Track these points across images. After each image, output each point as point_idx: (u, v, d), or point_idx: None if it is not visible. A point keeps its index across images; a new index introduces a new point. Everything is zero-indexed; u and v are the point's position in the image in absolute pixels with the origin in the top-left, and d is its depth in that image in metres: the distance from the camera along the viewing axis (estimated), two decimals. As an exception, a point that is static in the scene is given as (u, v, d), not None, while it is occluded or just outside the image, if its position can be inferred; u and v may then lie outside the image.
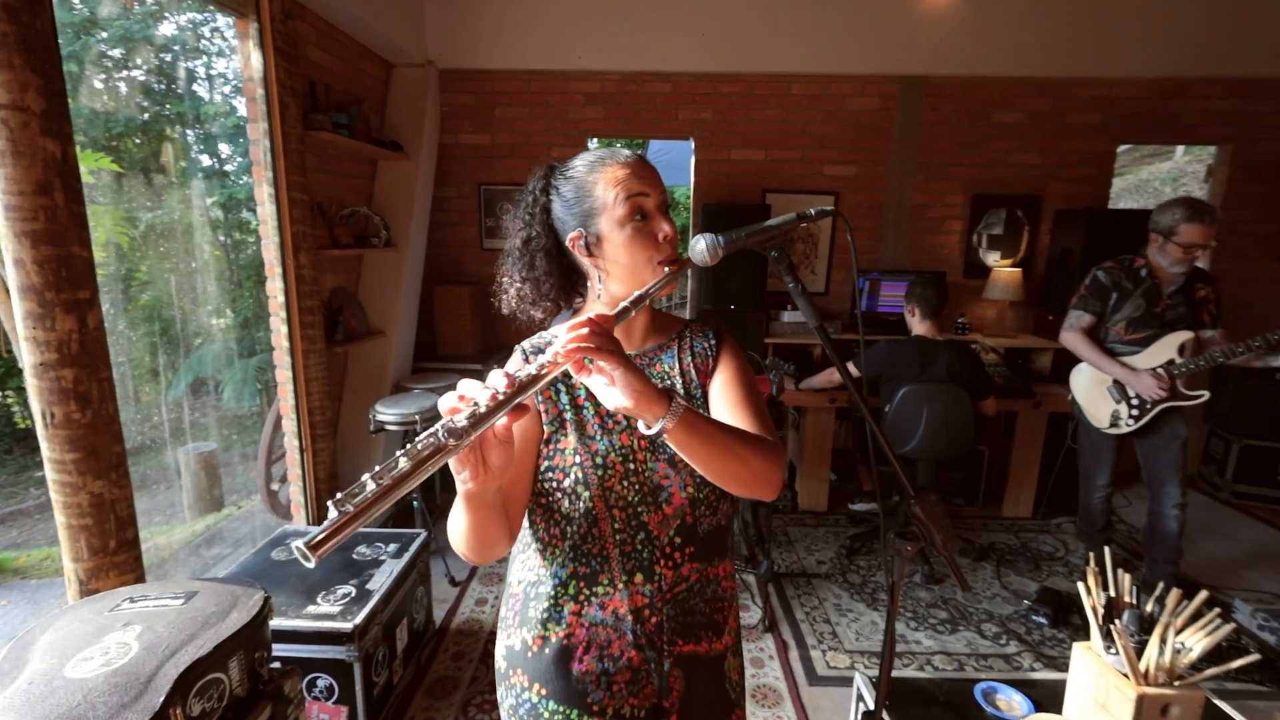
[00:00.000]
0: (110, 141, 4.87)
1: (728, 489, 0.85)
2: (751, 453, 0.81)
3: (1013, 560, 3.04)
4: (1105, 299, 2.54)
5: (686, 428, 0.73)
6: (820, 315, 0.95)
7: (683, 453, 0.76)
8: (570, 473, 0.86)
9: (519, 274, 0.93)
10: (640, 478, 0.89)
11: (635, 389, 0.69)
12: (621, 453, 0.88)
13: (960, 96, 3.63)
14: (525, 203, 0.94)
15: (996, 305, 3.85)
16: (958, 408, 2.75)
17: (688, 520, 0.91)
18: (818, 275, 3.84)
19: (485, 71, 3.59)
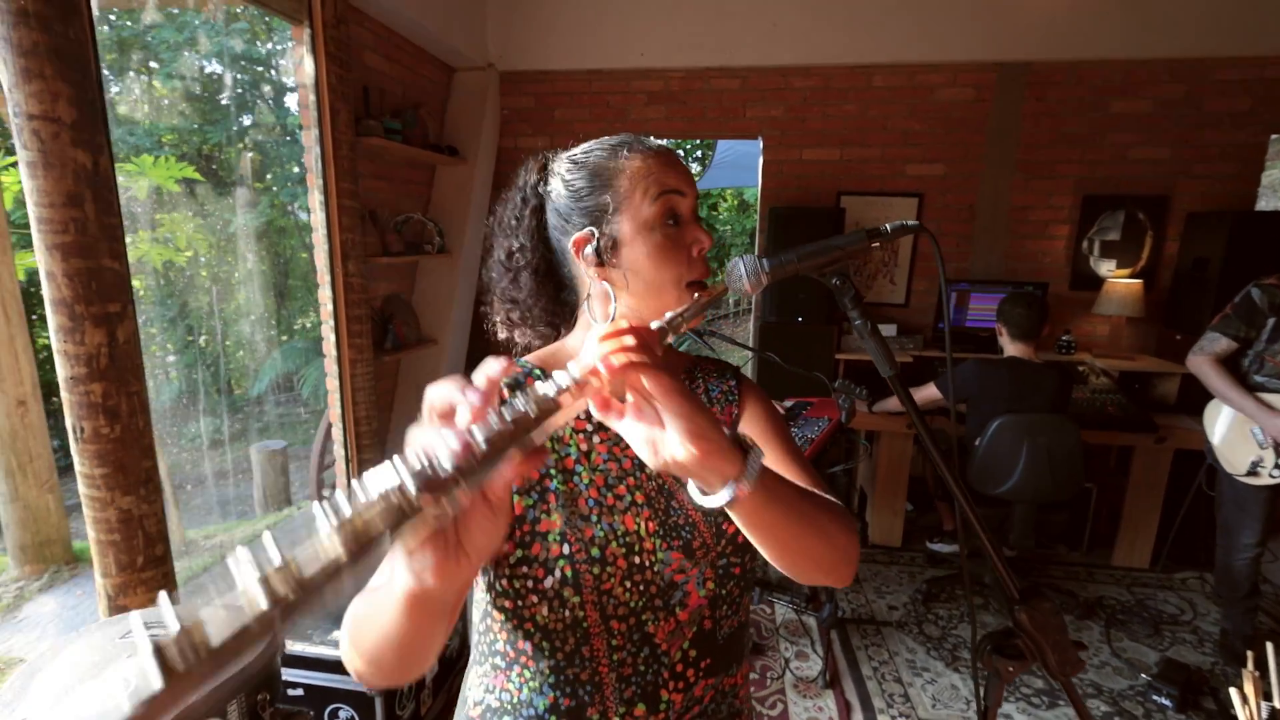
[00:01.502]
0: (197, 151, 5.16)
1: (800, 575, 0.63)
2: (835, 524, 0.61)
3: (1125, 621, 2.61)
4: (1256, 323, 2.11)
5: (765, 493, 0.52)
6: (894, 359, 0.72)
7: (751, 529, 0.55)
8: (554, 569, 0.65)
9: (504, 294, 0.75)
10: (648, 575, 0.67)
11: (701, 433, 0.47)
12: (625, 541, 0.67)
13: (1071, 84, 3.19)
14: (512, 203, 0.75)
15: (1110, 322, 3.37)
16: (1064, 442, 2.38)
17: (705, 626, 0.70)
18: (897, 286, 3.50)
19: (545, 73, 3.49)
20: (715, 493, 0.50)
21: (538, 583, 0.65)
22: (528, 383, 0.72)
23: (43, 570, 2.85)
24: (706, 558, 0.70)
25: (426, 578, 0.42)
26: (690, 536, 0.70)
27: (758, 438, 0.76)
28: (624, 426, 0.50)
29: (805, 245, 0.71)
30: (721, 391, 0.80)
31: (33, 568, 2.85)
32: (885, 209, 3.40)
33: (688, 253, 0.69)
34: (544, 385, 0.45)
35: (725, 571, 0.71)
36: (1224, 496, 2.32)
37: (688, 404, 0.47)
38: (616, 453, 0.71)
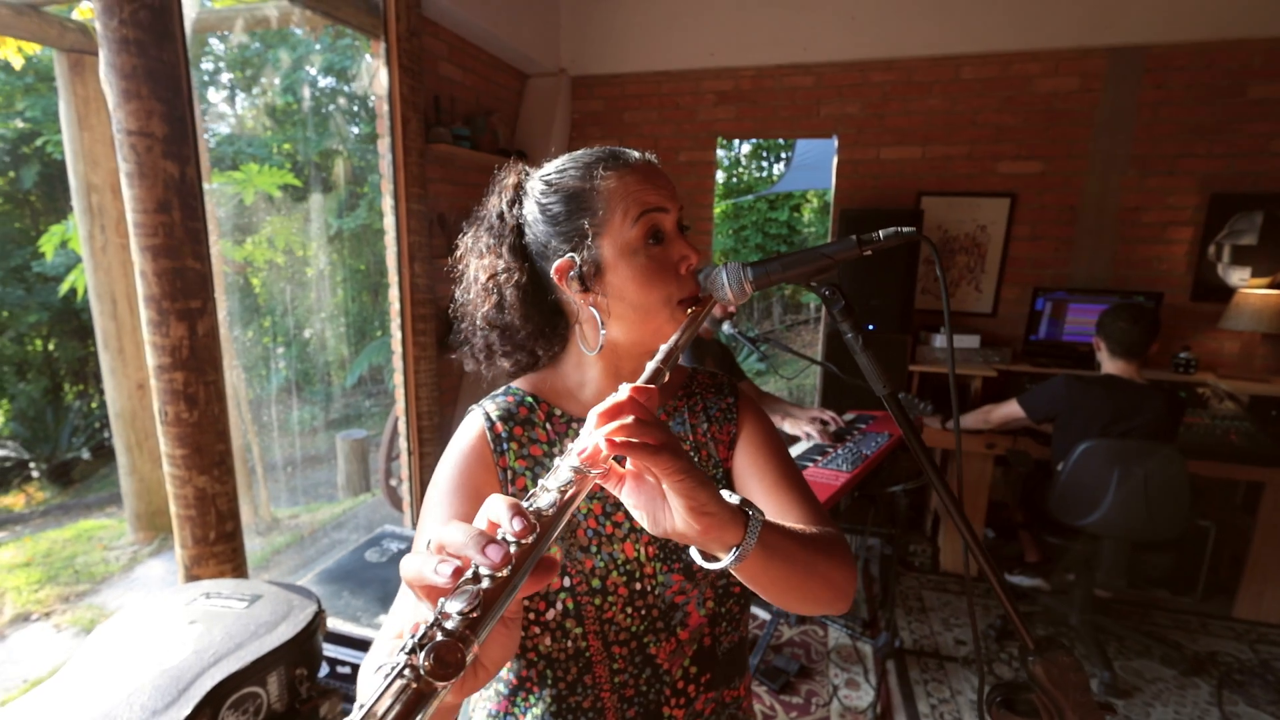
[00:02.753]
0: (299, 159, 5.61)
1: (798, 611, 0.68)
2: (831, 563, 0.61)
3: (1244, 682, 2.27)
4: None
5: (766, 552, 0.53)
6: (887, 377, 0.66)
7: (752, 582, 0.56)
8: (555, 601, 0.65)
9: (483, 318, 0.72)
10: (649, 599, 0.67)
11: (702, 509, 0.47)
12: (626, 569, 0.67)
13: (1198, 68, 2.82)
14: (489, 222, 0.73)
15: (1240, 338, 2.95)
16: (1165, 473, 2.10)
17: (705, 643, 0.70)
18: (984, 293, 3.24)
19: (616, 76, 3.51)
20: (718, 558, 0.51)
21: (540, 615, 0.66)
22: (520, 412, 0.72)
23: (153, 537, 3.20)
24: (707, 578, 0.70)
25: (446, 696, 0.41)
26: (690, 558, 0.69)
27: (754, 458, 0.74)
28: (624, 495, 0.50)
29: (792, 253, 0.66)
30: (720, 409, 0.77)
31: (145, 534, 3.21)
32: (971, 210, 3.16)
33: (675, 271, 0.67)
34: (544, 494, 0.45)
35: (725, 590, 0.71)
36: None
37: (689, 481, 0.47)
38: None
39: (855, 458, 1.97)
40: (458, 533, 0.40)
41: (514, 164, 0.76)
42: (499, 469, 0.69)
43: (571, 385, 0.74)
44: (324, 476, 4.36)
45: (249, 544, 2.12)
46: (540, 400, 0.73)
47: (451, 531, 0.40)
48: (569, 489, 0.45)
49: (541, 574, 0.41)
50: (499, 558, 0.38)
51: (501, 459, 0.69)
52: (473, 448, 0.69)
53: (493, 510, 0.42)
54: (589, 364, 0.72)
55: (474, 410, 0.73)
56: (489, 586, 0.38)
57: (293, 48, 5.29)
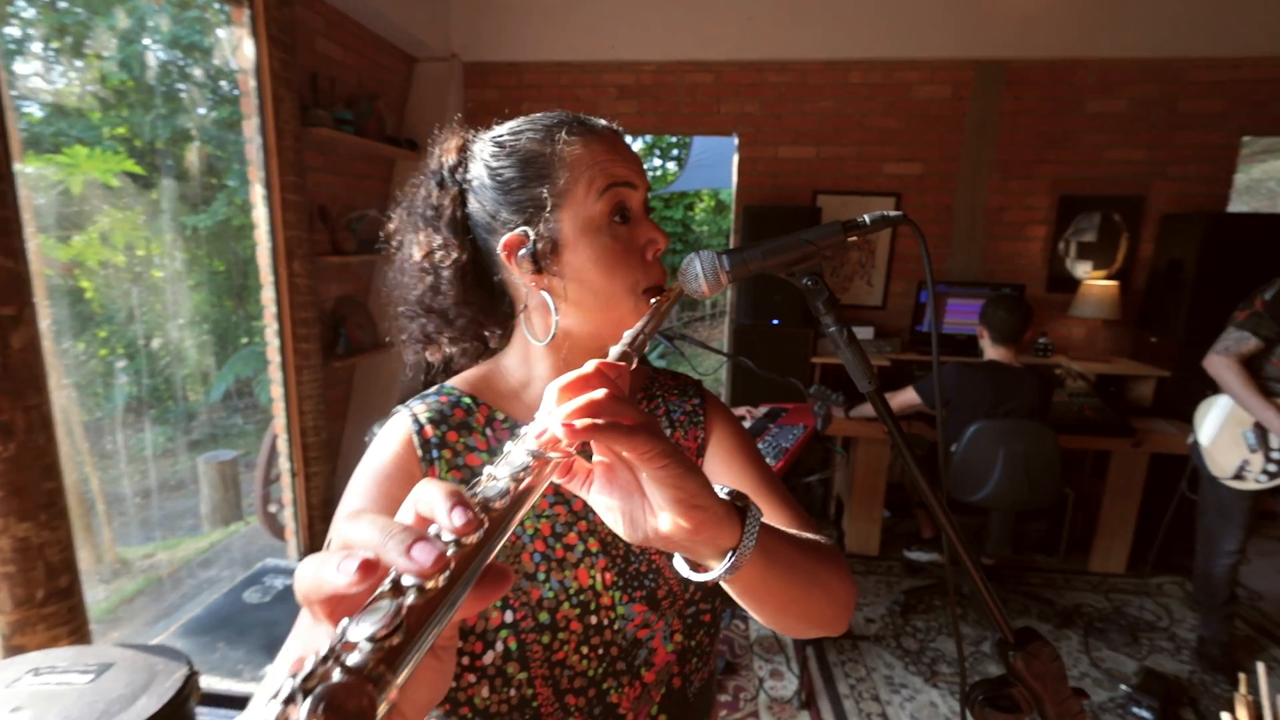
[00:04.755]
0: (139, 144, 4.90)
1: (793, 633, 0.57)
2: (833, 574, 0.53)
3: (1104, 630, 2.56)
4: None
5: (766, 558, 0.44)
6: (873, 372, 0.62)
7: (746, 596, 0.47)
8: (495, 641, 0.55)
9: (420, 303, 0.61)
10: (607, 635, 0.58)
11: (692, 501, 0.38)
12: (579, 600, 0.58)
13: (1048, 83, 3.15)
14: (426, 191, 0.62)
15: (1086, 324, 3.34)
16: (1042, 449, 2.32)
17: (675, 684, 0.62)
18: (874, 287, 3.43)
19: (512, 64, 3.35)
20: (708, 567, 0.42)
21: (475, 659, 0.55)
22: (456, 415, 0.61)
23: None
24: (673, 607, 0.61)
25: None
26: (655, 585, 0.61)
27: (729, 465, 0.67)
28: (592, 495, 0.40)
29: (772, 239, 0.60)
30: (685, 413, 0.70)
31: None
32: (862, 208, 3.32)
33: (641, 255, 0.59)
34: (493, 483, 0.34)
35: (694, 620, 0.63)
36: (1207, 501, 2.28)
37: (674, 467, 0.37)
38: (565, 492, 0.61)
39: (777, 451, 1.99)
40: (371, 528, 0.28)
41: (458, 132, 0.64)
42: None
43: (515, 384, 0.64)
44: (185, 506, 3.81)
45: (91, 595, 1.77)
46: (479, 401, 0.63)
47: (363, 527, 0.29)
48: (524, 478, 0.34)
49: (489, 587, 0.30)
50: (431, 560, 0.27)
51: (431, 469, 0.58)
52: (396, 457, 0.57)
53: (425, 498, 0.31)
54: (536, 358, 0.63)
55: (399, 412, 0.61)
56: (415, 602, 0.27)
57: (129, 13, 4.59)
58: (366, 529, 0.29)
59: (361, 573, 0.26)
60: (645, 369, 0.74)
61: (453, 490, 0.30)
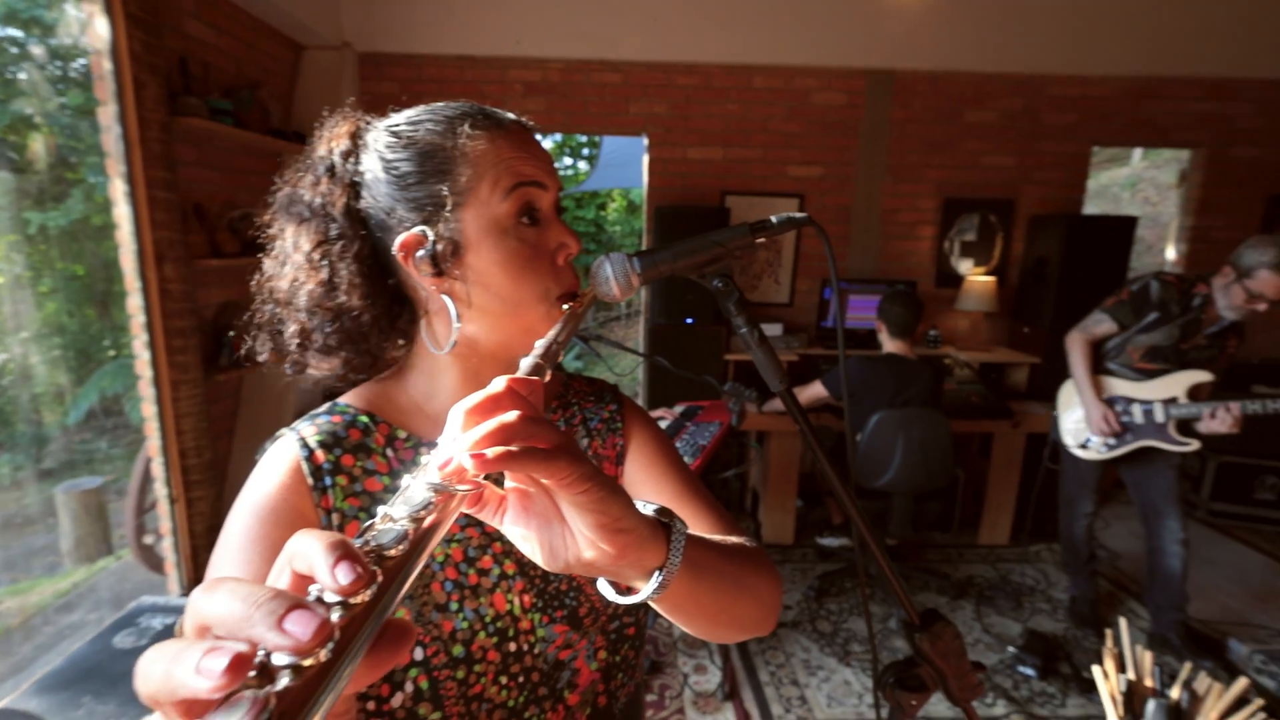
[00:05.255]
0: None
1: (722, 639, 0.55)
2: (759, 576, 0.53)
3: (992, 597, 2.79)
4: (1141, 314, 2.26)
5: (693, 573, 0.43)
6: (783, 371, 0.62)
7: (677, 610, 0.47)
8: (403, 683, 0.51)
9: (310, 299, 0.54)
10: (528, 661, 0.55)
11: (616, 525, 0.36)
12: (496, 628, 0.54)
13: (931, 93, 3.39)
14: (314, 176, 0.55)
15: (970, 317, 3.62)
16: (938, 434, 2.48)
17: (601, 703, 0.60)
18: (781, 285, 3.56)
19: (411, 56, 3.20)
20: (635, 589, 0.41)
21: (381, 703, 0.50)
22: (351, 435, 0.55)
23: None
24: (596, 624, 0.59)
25: None
26: (576, 603, 0.59)
27: (649, 472, 0.65)
28: (507, 524, 0.37)
29: (683, 241, 0.59)
30: (602, 420, 0.67)
31: None
32: (768, 209, 3.44)
33: (551, 260, 0.55)
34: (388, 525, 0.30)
35: (618, 635, 0.61)
36: (1066, 472, 2.55)
37: (595, 490, 0.35)
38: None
39: (694, 449, 2.01)
40: (232, 599, 0.24)
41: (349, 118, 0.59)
42: (321, 513, 0.53)
43: (418, 398, 0.59)
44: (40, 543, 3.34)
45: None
46: (378, 419, 0.57)
47: (222, 599, 0.24)
48: (426, 516, 0.31)
49: (387, 651, 0.27)
50: (310, 633, 0.23)
51: (324, 499, 0.53)
52: (283, 487, 0.52)
53: (302, 553, 0.26)
54: (441, 369, 0.58)
55: (284, 436, 0.55)
56: (291, 685, 0.22)
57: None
58: (226, 601, 0.24)
59: (230, 674, 0.22)
60: (559, 375, 0.71)
61: (335, 541, 0.26)
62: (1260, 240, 2.01)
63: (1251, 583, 2.93)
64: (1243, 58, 3.34)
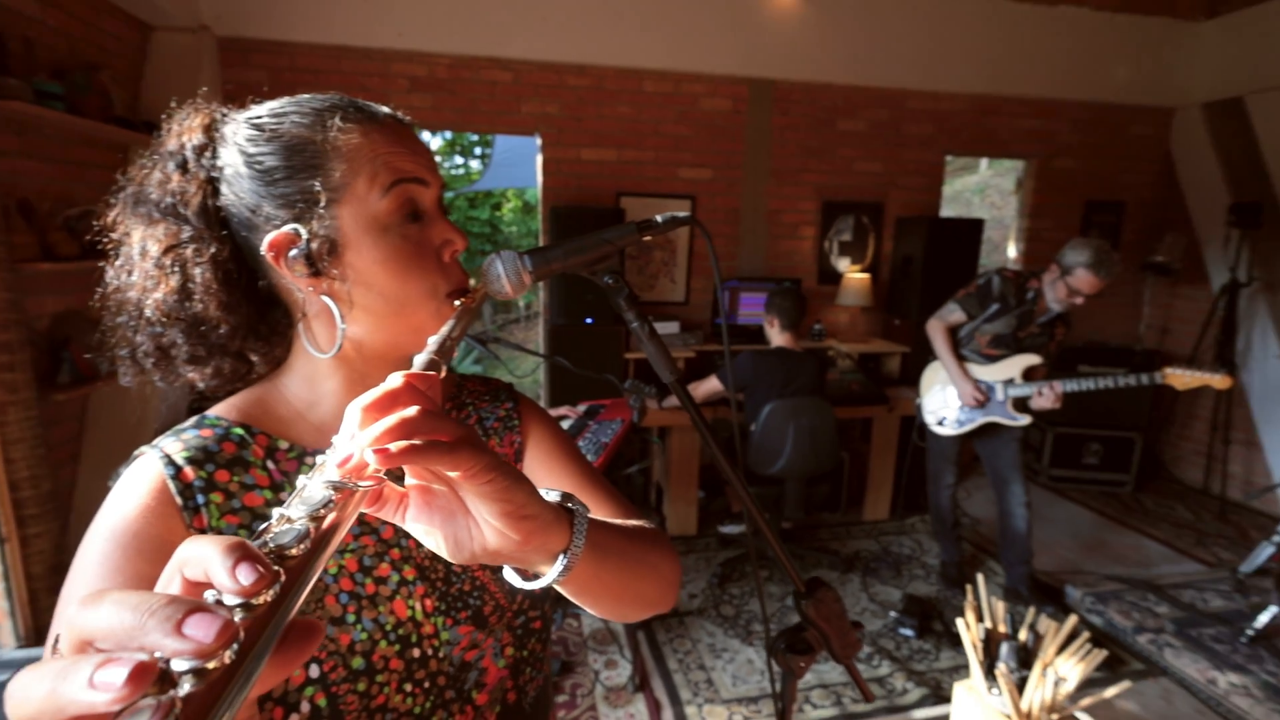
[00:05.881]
0: None
1: (627, 618, 0.57)
2: (660, 554, 0.55)
3: (876, 568, 3.04)
4: (985, 306, 2.54)
5: (597, 554, 0.44)
6: (674, 364, 0.66)
7: (582, 593, 0.47)
8: (299, 703, 0.48)
9: (160, 309, 0.50)
10: (433, 666, 0.54)
11: (520, 513, 0.37)
12: (399, 635, 0.52)
13: (807, 102, 3.62)
14: (163, 174, 0.51)
15: (849, 311, 3.91)
16: (824, 420, 2.67)
17: (510, 699, 0.59)
18: (677, 284, 3.66)
19: (281, 44, 2.98)
20: (540, 573, 0.42)
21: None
22: (225, 449, 0.51)
23: None
24: (502, 621, 0.59)
25: None
26: (480, 602, 0.58)
27: (549, 466, 0.66)
28: (410, 520, 0.37)
29: (573, 240, 0.61)
30: (499, 419, 0.67)
31: None
32: (660, 209, 3.50)
33: (437, 257, 0.54)
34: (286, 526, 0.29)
35: (525, 629, 0.61)
36: (931, 448, 2.83)
37: (500, 479, 0.35)
38: (371, 521, 0.55)
39: (597, 447, 2.04)
40: (120, 609, 0.23)
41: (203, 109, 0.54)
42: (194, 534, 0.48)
43: (299, 405, 0.56)
44: None
45: None
46: (255, 430, 0.54)
47: (108, 610, 0.23)
48: (326, 515, 0.30)
49: (294, 649, 0.26)
50: (214, 635, 0.22)
51: (197, 519, 0.49)
52: (145, 510, 0.47)
53: (195, 557, 0.25)
54: (323, 374, 0.56)
55: (144, 455, 0.51)
56: (195, 690, 0.22)
57: None
58: (113, 612, 0.23)
59: (131, 684, 0.20)
60: (453, 376, 0.70)
61: (233, 543, 0.25)
62: (1078, 242, 2.34)
63: (1083, 535, 3.40)
64: (1062, 82, 3.85)
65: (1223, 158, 3.85)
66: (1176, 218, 4.15)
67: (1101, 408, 3.81)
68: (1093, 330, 4.24)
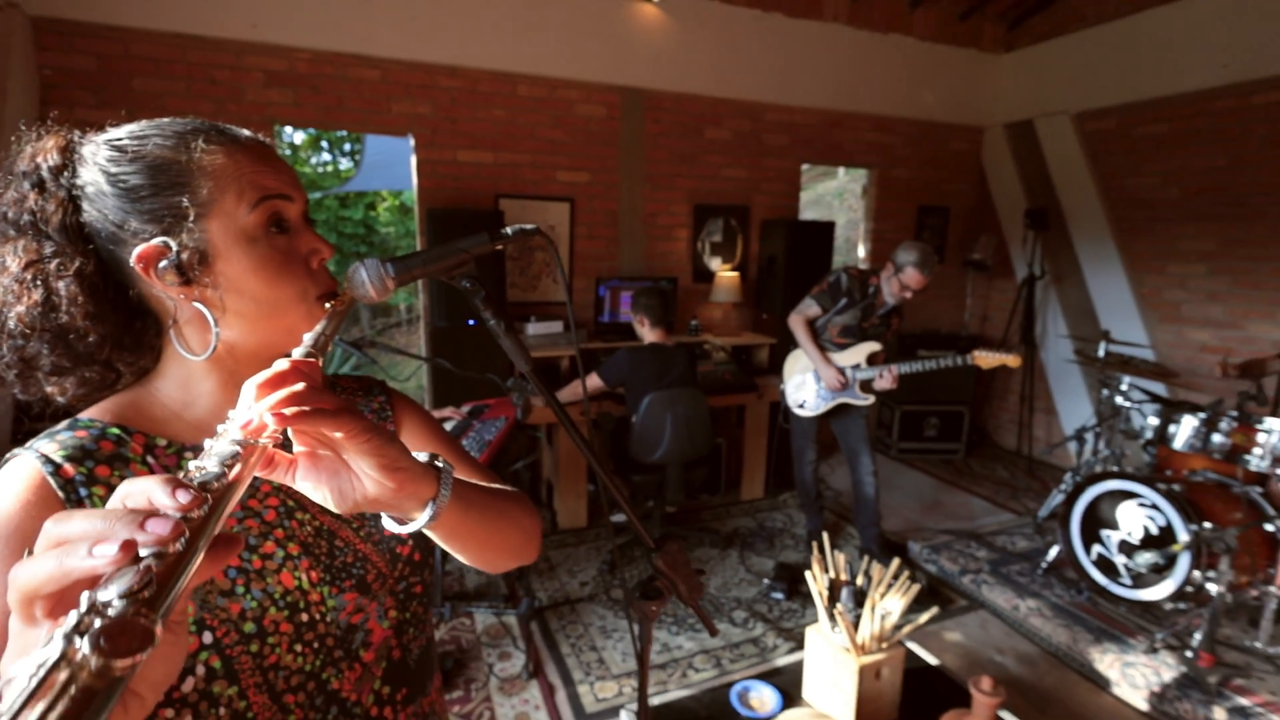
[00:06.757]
0: None
1: (496, 567, 0.66)
2: (521, 509, 0.64)
3: (752, 542, 3.31)
4: (836, 300, 2.85)
5: (462, 503, 0.53)
6: (528, 355, 0.76)
7: (450, 539, 0.56)
8: (194, 667, 0.52)
9: (23, 322, 0.52)
10: (320, 629, 0.59)
11: (394, 465, 0.46)
12: (287, 602, 0.57)
13: (677, 111, 3.84)
14: (18, 193, 0.53)
15: (722, 307, 4.19)
16: (698, 408, 2.87)
17: (395, 656, 0.65)
18: (559, 284, 3.75)
19: (112, 28, 2.72)
20: (413, 518, 0.49)
21: (172, 691, 0.51)
22: (103, 448, 0.54)
23: None
24: (385, 587, 0.65)
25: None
26: (363, 571, 0.63)
27: (423, 448, 0.72)
28: (300, 480, 0.45)
29: (432, 248, 0.69)
30: (372, 410, 0.74)
31: None
32: (540, 212, 3.60)
33: (305, 265, 0.59)
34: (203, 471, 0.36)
35: (407, 594, 0.67)
36: (794, 429, 3.14)
37: (377, 439, 0.44)
38: (254, 506, 0.60)
39: (481, 444, 2.09)
40: (92, 520, 0.30)
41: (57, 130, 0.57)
42: None
43: (175, 406, 0.59)
44: None
45: None
46: (131, 430, 0.56)
47: (80, 522, 0.30)
48: (234, 465, 0.37)
49: (222, 551, 0.34)
50: (169, 529, 0.30)
51: None
52: (27, 505, 0.49)
53: (136, 491, 0.33)
54: (198, 375, 0.59)
55: (16, 456, 0.52)
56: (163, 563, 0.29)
57: None
58: (85, 521, 0.30)
59: (123, 553, 0.28)
60: (326, 377, 0.76)
61: (169, 476, 0.33)
62: (907, 244, 2.71)
63: (924, 498, 3.89)
64: (895, 101, 4.37)
65: (1020, 171, 4.56)
66: (990, 221, 4.84)
67: (937, 388, 4.37)
68: (928, 319, 4.85)
